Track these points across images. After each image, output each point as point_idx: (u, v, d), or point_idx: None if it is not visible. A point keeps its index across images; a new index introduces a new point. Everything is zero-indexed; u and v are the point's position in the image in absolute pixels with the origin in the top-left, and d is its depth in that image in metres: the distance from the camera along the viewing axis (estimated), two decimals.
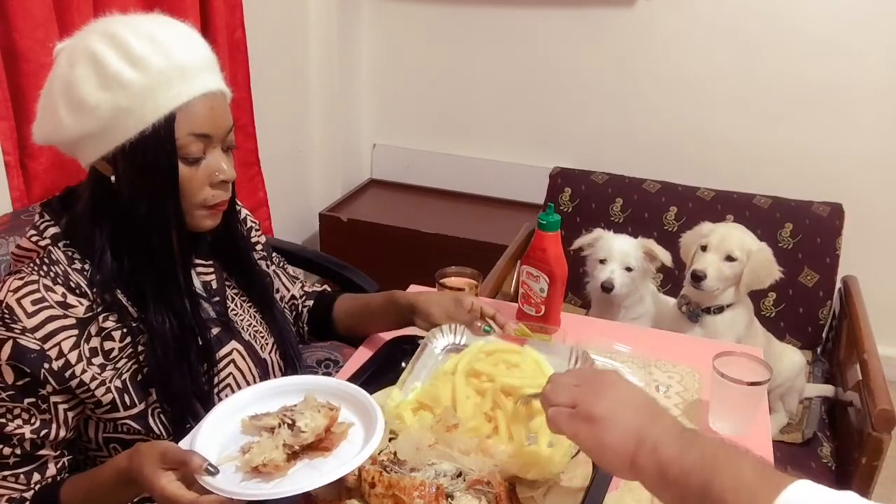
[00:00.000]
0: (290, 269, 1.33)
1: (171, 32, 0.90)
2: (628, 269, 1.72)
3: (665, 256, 1.73)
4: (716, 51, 2.48)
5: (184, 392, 0.96)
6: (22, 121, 1.53)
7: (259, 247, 1.22)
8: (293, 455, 0.84)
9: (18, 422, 0.89)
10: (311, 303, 1.32)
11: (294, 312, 1.31)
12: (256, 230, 1.23)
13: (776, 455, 1.09)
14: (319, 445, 0.86)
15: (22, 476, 0.91)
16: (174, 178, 0.91)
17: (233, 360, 1.05)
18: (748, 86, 2.48)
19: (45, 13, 1.51)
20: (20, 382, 0.88)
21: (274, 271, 1.26)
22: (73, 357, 0.89)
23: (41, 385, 0.89)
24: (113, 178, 0.92)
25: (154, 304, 0.94)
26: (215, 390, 1.02)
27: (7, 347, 0.86)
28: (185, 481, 0.79)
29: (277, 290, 1.26)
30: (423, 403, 1.04)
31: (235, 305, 1.10)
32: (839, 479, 1.62)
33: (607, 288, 1.71)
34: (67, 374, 0.89)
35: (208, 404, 0.97)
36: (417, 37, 2.87)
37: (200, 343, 0.99)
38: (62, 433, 0.92)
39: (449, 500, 0.88)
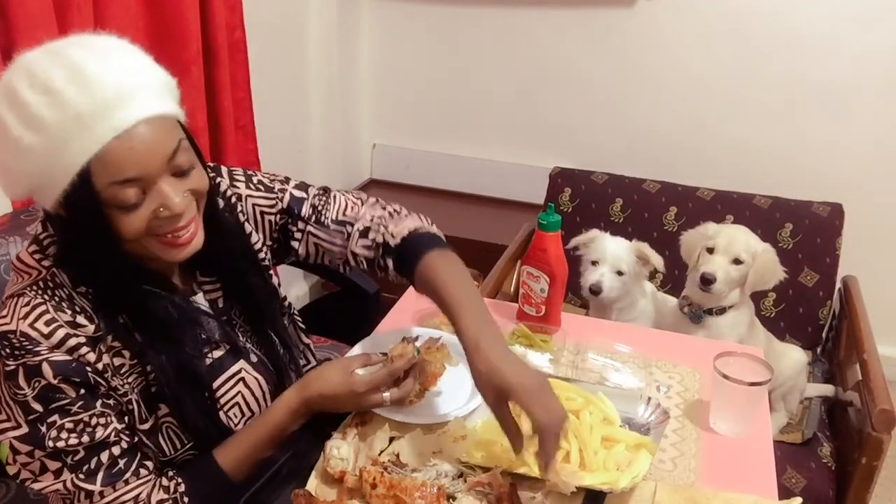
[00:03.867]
0: (338, 205, 1.12)
1: (72, 69, 0.78)
2: (619, 273, 1.72)
3: (658, 261, 1.72)
4: (716, 51, 2.48)
5: (192, 415, 0.97)
6: None
7: (259, 245, 1.09)
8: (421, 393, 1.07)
9: (101, 424, 0.89)
10: (391, 260, 1.10)
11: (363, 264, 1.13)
12: (265, 198, 1.09)
13: (776, 455, 1.09)
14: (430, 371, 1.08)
15: (142, 471, 0.93)
16: (108, 233, 0.84)
17: (242, 379, 1.04)
18: (748, 86, 2.48)
19: (45, 13, 1.50)
20: (82, 391, 0.87)
21: (310, 232, 1.11)
22: (99, 367, 0.89)
23: (96, 387, 0.89)
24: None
25: (144, 338, 0.92)
26: (223, 410, 1.02)
27: (47, 368, 0.84)
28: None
29: (318, 252, 1.13)
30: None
31: (241, 321, 1.08)
32: (839, 479, 1.62)
33: (595, 291, 1.71)
34: (103, 378, 0.89)
35: (216, 422, 1.00)
36: (417, 37, 2.86)
37: (199, 377, 0.98)
38: (133, 420, 0.94)
39: (450, 500, 0.88)
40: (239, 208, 1.07)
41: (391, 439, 1.03)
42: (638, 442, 1.00)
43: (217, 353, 1.02)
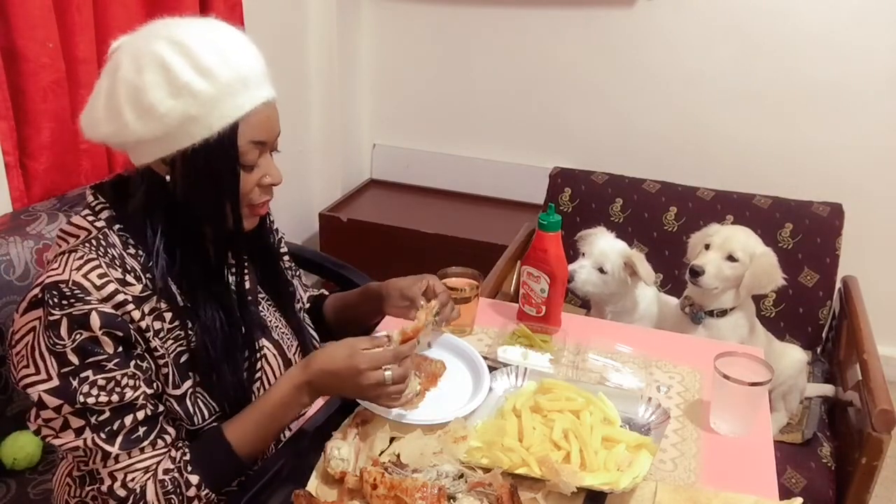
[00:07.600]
0: (303, 277, 1.36)
1: (232, 43, 0.93)
2: (601, 271, 1.72)
3: (646, 275, 1.70)
4: (716, 51, 2.48)
5: (227, 383, 1.01)
6: (22, 121, 1.53)
7: (286, 256, 1.25)
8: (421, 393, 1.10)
9: (131, 386, 0.91)
10: (307, 306, 1.34)
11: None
12: (283, 241, 1.27)
13: (776, 455, 1.09)
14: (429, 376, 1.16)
15: (159, 441, 0.95)
16: (235, 182, 0.95)
17: (265, 356, 1.09)
18: (748, 86, 2.48)
19: (45, 13, 1.51)
20: (120, 349, 0.91)
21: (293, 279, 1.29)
22: (142, 325, 0.93)
23: (134, 346, 0.92)
24: (168, 177, 0.95)
25: (203, 300, 0.98)
26: (253, 384, 1.06)
27: (95, 318, 0.88)
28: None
29: (298, 300, 1.27)
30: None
31: (263, 308, 1.14)
32: (839, 479, 1.62)
33: (567, 280, 1.70)
34: (143, 337, 0.93)
35: (247, 395, 1.03)
36: (417, 37, 2.86)
37: (244, 337, 1.04)
38: (165, 386, 0.97)
39: (451, 501, 0.88)
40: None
41: (392, 440, 1.03)
42: (638, 442, 1.01)
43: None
